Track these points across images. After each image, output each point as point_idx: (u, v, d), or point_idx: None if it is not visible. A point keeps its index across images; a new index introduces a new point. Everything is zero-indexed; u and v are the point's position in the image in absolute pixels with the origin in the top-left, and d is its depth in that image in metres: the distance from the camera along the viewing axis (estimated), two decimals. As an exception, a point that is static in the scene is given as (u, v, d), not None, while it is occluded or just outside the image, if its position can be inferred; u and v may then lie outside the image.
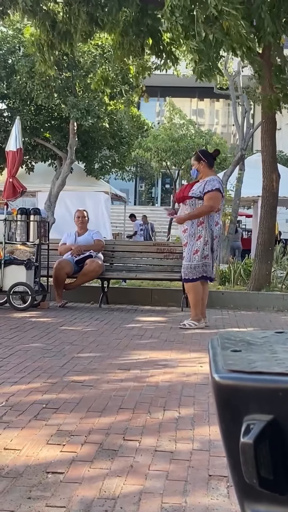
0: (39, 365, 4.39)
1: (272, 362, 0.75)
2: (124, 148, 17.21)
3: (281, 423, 0.69)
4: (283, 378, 0.70)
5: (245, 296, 8.85)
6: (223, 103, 35.15)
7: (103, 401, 3.49)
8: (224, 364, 0.75)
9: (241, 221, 23.68)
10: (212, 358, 0.79)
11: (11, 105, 15.17)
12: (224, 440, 0.75)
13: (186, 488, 2.33)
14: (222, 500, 2.23)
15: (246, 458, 0.69)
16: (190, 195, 6.45)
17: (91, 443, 2.79)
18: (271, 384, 0.70)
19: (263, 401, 0.71)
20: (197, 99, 35.98)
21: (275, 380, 0.70)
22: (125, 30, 8.60)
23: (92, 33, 9.33)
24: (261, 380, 0.71)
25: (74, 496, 2.23)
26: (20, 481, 2.36)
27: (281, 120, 13.13)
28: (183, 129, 25.23)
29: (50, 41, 8.84)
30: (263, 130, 9.65)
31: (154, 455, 2.68)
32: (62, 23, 8.63)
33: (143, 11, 8.40)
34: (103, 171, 17.55)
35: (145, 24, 8.61)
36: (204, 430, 3.04)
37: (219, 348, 0.82)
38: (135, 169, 28.33)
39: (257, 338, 0.88)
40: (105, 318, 7.06)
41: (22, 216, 7.92)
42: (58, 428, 2.99)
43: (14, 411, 3.25)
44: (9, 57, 14.60)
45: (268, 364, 0.74)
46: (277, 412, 0.70)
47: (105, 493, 2.27)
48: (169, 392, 3.75)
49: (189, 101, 35.35)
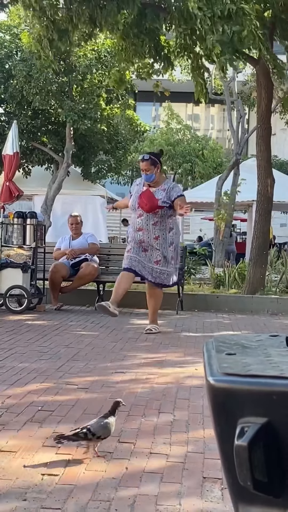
0: (35, 368, 4.38)
1: (266, 365, 0.75)
2: (120, 152, 17.22)
3: (276, 426, 0.69)
4: (278, 381, 0.70)
5: (239, 300, 8.86)
6: (218, 108, 35.20)
7: (98, 403, 3.48)
8: (219, 367, 0.75)
9: (236, 225, 23.70)
10: (207, 361, 0.79)
11: (8, 109, 15.18)
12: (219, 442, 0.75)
13: (181, 490, 2.33)
14: (217, 503, 2.22)
15: (240, 460, 0.69)
16: (161, 205, 6.22)
17: (86, 446, 2.79)
18: (266, 387, 0.70)
19: (257, 404, 0.71)
20: (193, 104, 36.00)
21: (269, 383, 0.70)
22: (126, 33, 8.60)
23: (92, 33, 9.31)
24: (256, 383, 0.71)
25: (69, 498, 2.22)
26: (16, 483, 2.35)
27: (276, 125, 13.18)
28: (180, 134, 25.27)
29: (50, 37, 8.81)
30: (258, 135, 9.68)
31: (149, 457, 2.67)
32: (62, 21, 8.61)
33: (141, 14, 8.40)
34: (99, 175, 17.56)
35: (144, 27, 8.60)
36: (198, 433, 3.03)
37: (214, 351, 0.82)
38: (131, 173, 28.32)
39: (252, 341, 0.88)
40: (101, 321, 7.06)
41: (19, 220, 7.92)
42: (54, 430, 2.98)
43: (10, 413, 3.25)
44: (6, 62, 14.62)
45: (262, 367, 0.74)
46: (272, 415, 0.70)
47: (100, 495, 2.26)
48: (164, 395, 3.75)
49: (184, 106, 35.39)
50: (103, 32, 9.54)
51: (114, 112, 15.61)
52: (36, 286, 8.03)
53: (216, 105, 33.62)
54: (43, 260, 8.07)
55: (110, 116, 15.56)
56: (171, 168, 25.07)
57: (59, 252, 8.36)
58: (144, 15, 8.46)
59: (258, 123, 9.76)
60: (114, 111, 15.53)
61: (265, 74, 9.68)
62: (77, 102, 14.38)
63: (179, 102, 31.66)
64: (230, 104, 18.11)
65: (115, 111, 15.57)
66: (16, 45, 14.71)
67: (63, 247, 8.39)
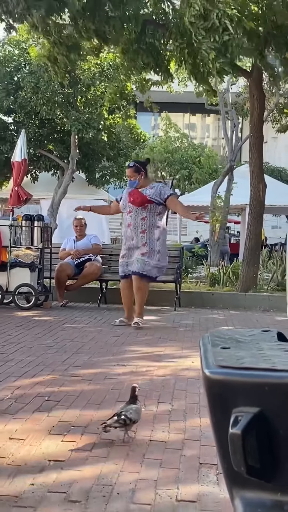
0: (42, 361, 4.38)
1: (259, 358, 0.75)
2: (122, 159, 17.22)
3: (267, 415, 0.69)
4: (269, 373, 0.70)
5: (233, 297, 8.86)
6: (214, 118, 35.16)
7: (102, 394, 3.48)
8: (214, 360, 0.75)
9: (230, 227, 23.67)
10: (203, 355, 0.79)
11: (17, 118, 15.17)
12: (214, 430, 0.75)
13: (179, 475, 2.33)
14: (212, 487, 2.22)
15: (234, 447, 0.69)
16: (150, 199, 6.30)
17: (90, 434, 2.79)
18: (258, 378, 0.70)
19: (250, 395, 0.71)
20: (190, 114, 35.99)
21: (261, 375, 0.70)
22: (126, 48, 8.60)
23: (101, 48, 9.31)
24: (249, 375, 0.71)
25: (74, 483, 2.22)
26: (24, 468, 2.35)
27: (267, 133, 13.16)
28: (178, 142, 25.25)
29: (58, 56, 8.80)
30: (251, 143, 9.68)
31: (149, 444, 2.67)
32: (70, 37, 8.60)
33: (143, 31, 8.38)
34: (103, 180, 17.56)
35: (144, 42, 8.59)
36: (195, 421, 3.03)
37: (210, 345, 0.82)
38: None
39: (245, 336, 0.88)
40: (104, 317, 7.05)
41: (27, 222, 7.92)
42: (60, 419, 2.98)
43: (18, 403, 3.24)
44: (15, 74, 14.62)
45: (255, 360, 0.74)
46: (264, 405, 0.70)
47: (103, 480, 2.26)
48: (163, 386, 3.75)
49: (182, 116, 35.36)
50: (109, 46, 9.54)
51: (116, 122, 15.61)
52: (43, 284, 8.03)
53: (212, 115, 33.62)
54: (49, 260, 8.07)
55: (113, 125, 15.56)
56: (169, 174, 25.06)
57: (65, 252, 8.36)
58: (145, 32, 8.45)
59: (251, 132, 9.76)
60: (116, 120, 15.53)
61: (257, 86, 9.68)
62: (82, 112, 14.37)
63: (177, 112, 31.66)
64: (224, 114, 18.09)
65: (117, 120, 15.56)
66: (24, 59, 14.71)
67: (68, 248, 8.39)
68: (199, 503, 2.08)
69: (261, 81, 10.12)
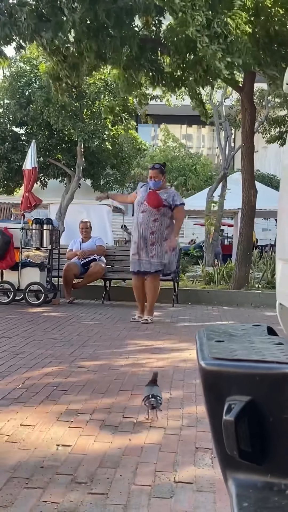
0: (50, 353, 4.38)
1: (250, 351, 0.75)
2: (125, 167, 17.21)
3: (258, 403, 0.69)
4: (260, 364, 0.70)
5: (227, 294, 8.85)
6: (208, 129, 35.13)
7: (106, 384, 3.48)
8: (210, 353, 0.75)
9: (224, 230, 23.65)
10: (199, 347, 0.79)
11: (28, 130, 15.17)
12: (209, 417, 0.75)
13: (176, 459, 2.33)
14: (207, 470, 2.22)
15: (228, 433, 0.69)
16: (164, 204, 6.29)
17: (95, 420, 2.79)
18: (250, 370, 0.70)
19: (242, 384, 0.71)
20: (186, 125, 35.97)
21: (253, 366, 0.70)
22: (127, 65, 8.58)
23: (97, 66, 9.31)
24: (241, 366, 0.71)
25: (80, 466, 2.22)
26: (35, 452, 2.35)
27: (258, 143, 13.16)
28: (175, 151, 25.25)
29: (61, 72, 8.81)
30: (243, 153, 9.68)
31: (149, 430, 2.67)
32: (72, 56, 8.60)
33: (142, 49, 8.36)
34: (107, 186, 17.55)
35: (146, 58, 8.57)
36: (192, 409, 3.03)
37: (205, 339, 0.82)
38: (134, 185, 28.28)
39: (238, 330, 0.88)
40: (107, 313, 7.05)
41: (37, 225, 7.92)
42: (67, 407, 2.98)
43: (29, 393, 3.24)
44: (27, 89, 14.61)
45: (247, 353, 0.74)
46: (255, 394, 0.70)
47: (107, 463, 2.26)
48: (162, 376, 3.73)
49: (179, 127, 35.35)
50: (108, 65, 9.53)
51: (120, 132, 15.61)
52: (51, 282, 8.03)
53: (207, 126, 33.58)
54: (57, 260, 8.08)
55: (116, 136, 15.56)
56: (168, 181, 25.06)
57: (71, 253, 8.36)
58: (144, 49, 8.44)
59: (243, 142, 9.76)
60: (119, 131, 15.52)
61: (249, 99, 9.68)
62: (87, 123, 14.36)
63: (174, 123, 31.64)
64: (218, 125, 18.10)
65: (120, 131, 15.56)
66: (35, 74, 14.70)
67: (75, 249, 8.39)
68: (195, 484, 2.08)
69: (252, 94, 10.12)
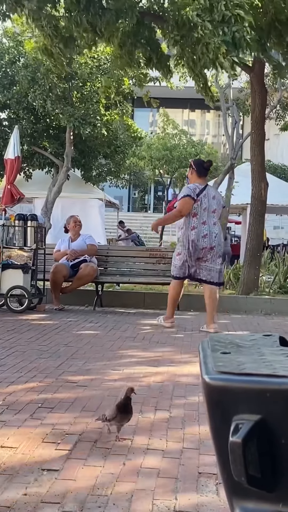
0: (35, 366, 4.37)
1: (260, 364, 0.75)
2: (119, 156, 17.22)
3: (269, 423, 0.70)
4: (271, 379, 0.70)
5: (234, 300, 8.86)
6: (214, 114, 35.22)
7: (97, 400, 3.48)
8: (214, 366, 0.75)
9: (231, 227, 23.70)
10: (202, 360, 0.79)
11: (11, 114, 15.14)
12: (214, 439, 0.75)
13: (177, 485, 2.33)
14: (212, 497, 2.22)
15: (235, 456, 0.69)
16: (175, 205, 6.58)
17: (85, 442, 2.79)
18: (259, 385, 0.70)
19: (251, 402, 0.71)
20: (189, 110, 36.04)
21: (263, 381, 0.71)
22: (123, 41, 8.58)
23: (96, 41, 9.31)
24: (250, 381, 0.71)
25: (69, 493, 2.22)
26: (17, 478, 2.35)
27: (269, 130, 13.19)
28: (176, 139, 25.27)
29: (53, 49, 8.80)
30: (252, 141, 9.69)
31: (146, 453, 2.67)
32: (65, 29, 8.59)
33: (140, 23, 8.37)
34: (100, 178, 17.58)
35: (143, 35, 8.57)
36: (194, 429, 3.03)
37: (209, 350, 0.83)
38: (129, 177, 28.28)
39: (246, 340, 0.88)
40: (99, 321, 7.05)
41: (20, 222, 7.92)
42: (53, 427, 2.98)
43: (11, 410, 3.24)
44: (9, 68, 14.59)
45: (256, 366, 0.74)
46: (265, 412, 0.70)
47: (98, 490, 2.26)
48: (161, 392, 3.75)
49: (181, 112, 35.41)
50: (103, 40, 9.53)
51: (114, 118, 15.62)
52: (36, 286, 8.03)
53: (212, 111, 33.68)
54: (43, 261, 8.07)
55: (109, 122, 15.57)
56: (167, 172, 25.08)
57: (60, 253, 8.35)
58: (142, 24, 8.44)
59: (252, 129, 9.77)
60: (113, 116, 15.53)
61: (259, 81, 9.69)
62: (78, 108, 14.36)
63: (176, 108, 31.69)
64: (225, 110, 18.13)
65: (114, 117, 15.57)
66: (19, 52, 14.69)
67: (63, 249, 8.38)
68: (198, 514, 2.09)
69: (263, 76, 10.14)
